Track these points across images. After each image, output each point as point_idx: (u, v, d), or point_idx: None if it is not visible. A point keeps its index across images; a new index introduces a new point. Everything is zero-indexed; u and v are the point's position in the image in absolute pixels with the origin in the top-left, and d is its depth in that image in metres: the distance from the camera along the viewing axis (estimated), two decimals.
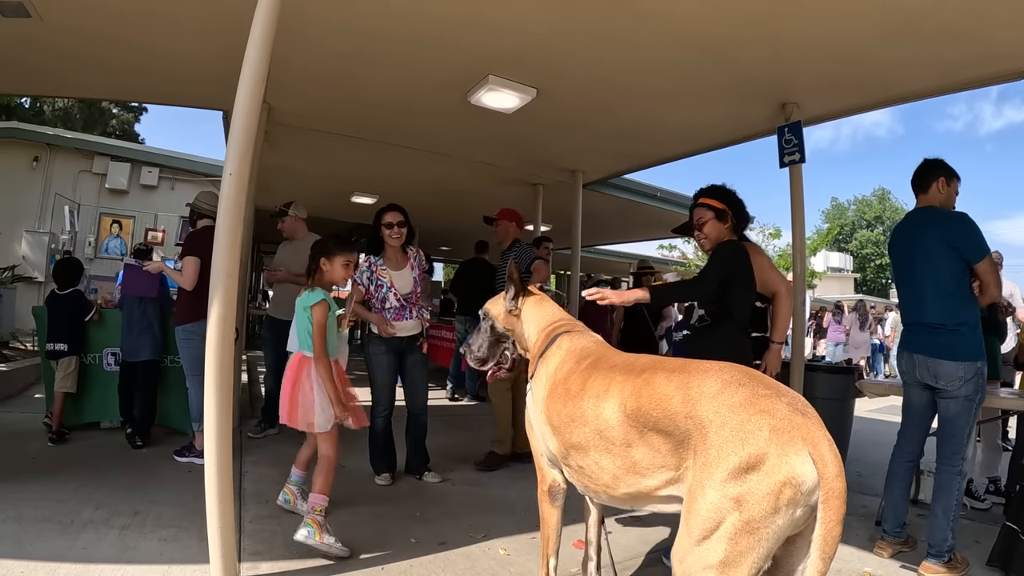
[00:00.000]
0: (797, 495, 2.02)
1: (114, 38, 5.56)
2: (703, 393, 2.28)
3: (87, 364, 6.84)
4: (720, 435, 2.15)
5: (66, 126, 22.75)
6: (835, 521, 1.96)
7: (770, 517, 2.02)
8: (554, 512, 3.21)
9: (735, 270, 3.98)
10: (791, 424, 2.07)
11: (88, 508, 4.44)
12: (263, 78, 3.36)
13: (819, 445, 2.02)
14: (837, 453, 2.03)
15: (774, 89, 6.01)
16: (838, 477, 1.98)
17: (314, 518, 3.95)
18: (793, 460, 2.02)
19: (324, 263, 4.34)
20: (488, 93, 6.24)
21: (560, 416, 2.86)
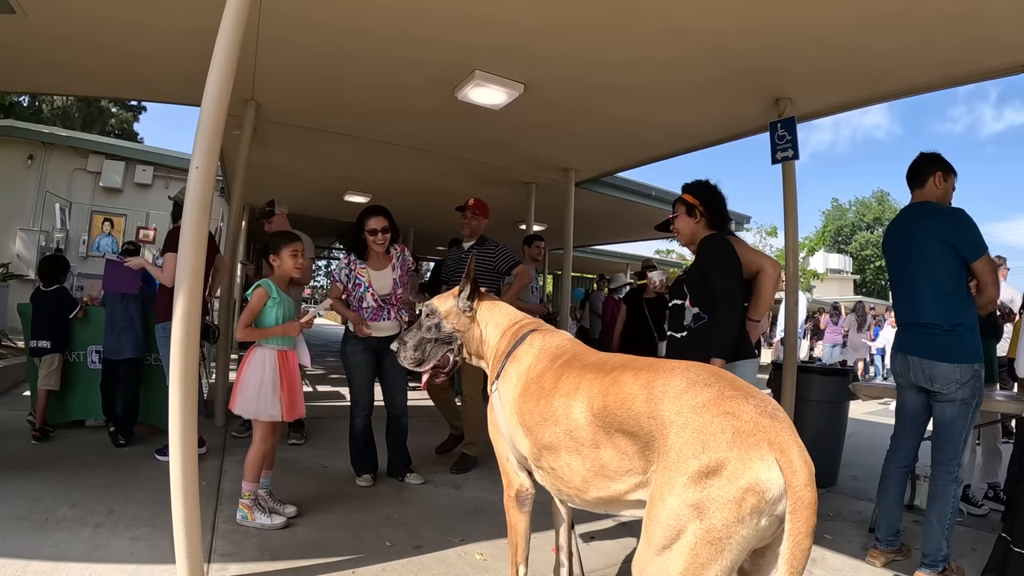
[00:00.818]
0: (761, 503, 1.88)
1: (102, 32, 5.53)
2: (666, 392, 2.16)
3: (71, 362, 6.77)
4: (681, 437, 2.03)
5: (64, 125, 22.79)
6: (804, 533, 1.81)
7: (733, 527, 1.88)
8: (522, 518, 3.05)
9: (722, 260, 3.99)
10: (757, 427, 1.95)
11: (64, 506, 4.38)
12: (232, 69, 3.26)
13: (787, 450, 1.89)
14: (808, 460, 1.89)
15: (767, 84, 5.94)
16: (807, 486, 1.84)
17: (243, 503, 4.28)
18: (757, 466, 1.89)
19: (273, 260, 4.55)
20: (475, 89, 6.18)
21: (533, 415, 2.74)
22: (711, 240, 4.09)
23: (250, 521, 4.23)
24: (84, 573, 3.47)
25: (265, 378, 4.29)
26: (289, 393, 4.39)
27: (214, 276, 6.05)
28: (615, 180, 10.59)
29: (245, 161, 7.00)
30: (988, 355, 5.25)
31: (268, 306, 4.39)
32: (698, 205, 4.19)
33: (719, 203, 4.25)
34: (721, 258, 3.97)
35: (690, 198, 4.23)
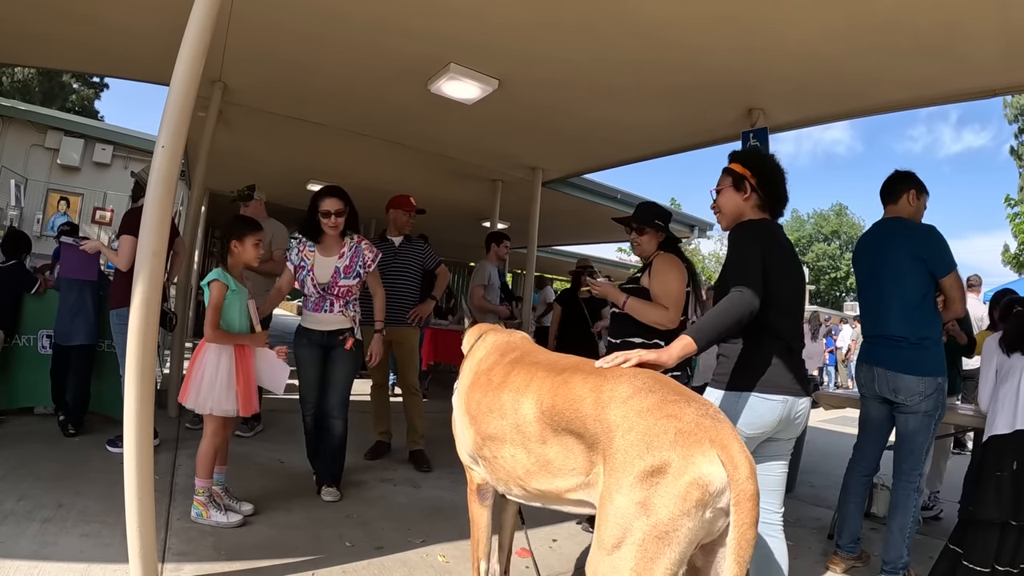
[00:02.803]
0: (705, 496, 1.96)
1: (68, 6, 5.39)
2: (613, 397, 2.23)
3: (21, 346, 6.55)
4: (627, 439, 2.10)
5: (24, 99, 22.26)
6: (748, 523, 1.92)
7: (679, 520, 1.95)
8: (484, 512, 3.11)
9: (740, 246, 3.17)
10: (699, 427, 2.03)
11: (11, 499, 4.22)
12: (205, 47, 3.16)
13: (728, 447, 1.98)
14: (748, 456, 1.99)
15: (741, 94, 5.96)
16: (749, 479, 1.94)
17: (197, 499, 4.16)
18: (699, 461, 1.97)
19: (235, 245, 4.40)
20: (449, 82, 6.12)
21: (479, 406, 2.83)
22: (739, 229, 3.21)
23: (205, 519, 4.11)
24: (32, 571, 3.34)
25: (220, 371, 4.17)
26: (245, 387, 4.28)
27: (173, 260, 5.84)
28: (581, 181, 10.58)
29: (209, 144, 6.84)
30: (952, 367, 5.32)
31: (228, 298, 4.28)
32: (750, 177, 3.22)
33: (777, 178, 3.27)
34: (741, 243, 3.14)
35: (739, 167, 3.27)
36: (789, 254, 3.20)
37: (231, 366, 4.23)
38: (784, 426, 3.02)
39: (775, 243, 3.12)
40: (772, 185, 3.24)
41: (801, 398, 3.03)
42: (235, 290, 4.32)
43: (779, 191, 3.26)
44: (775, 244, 3.11)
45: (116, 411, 5.90)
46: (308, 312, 5.04)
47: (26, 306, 6.53)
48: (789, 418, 3.00)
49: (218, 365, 4.19)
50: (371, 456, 6.19)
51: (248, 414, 4.39)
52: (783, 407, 2.96)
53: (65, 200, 14.23)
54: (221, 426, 4.30)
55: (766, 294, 2.89)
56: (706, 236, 16.73)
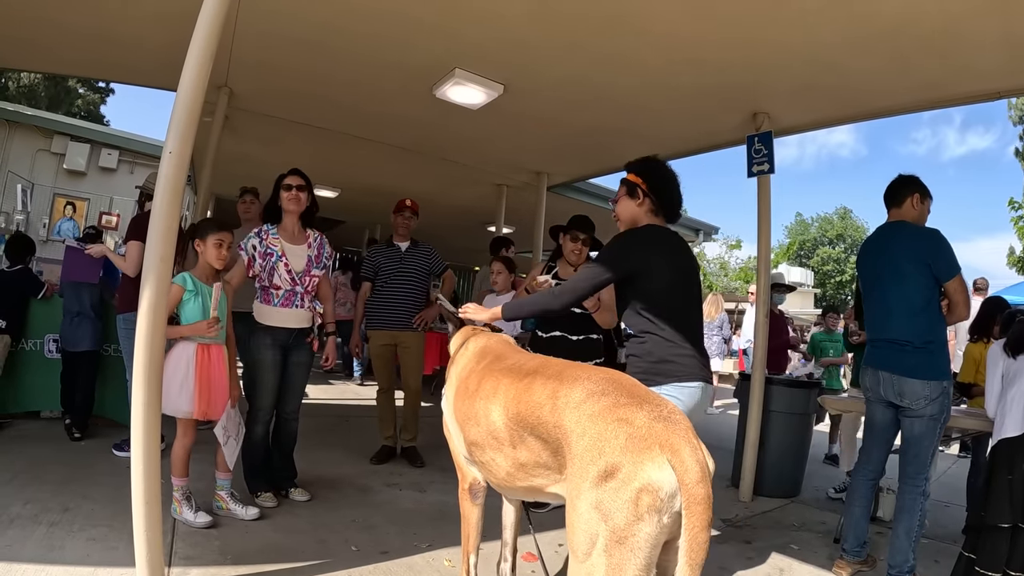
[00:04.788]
0: (656, 501, 1.98)
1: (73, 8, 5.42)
2: (568, 403, 2.31)
3: (28, 350, 6.60)
4: (580, 445, 2.17)
5: (30, 104, 22.30)
6: (699, 527, 1.93)
7: (635, 526, 1.99)
8: (475, 510, 3.22)
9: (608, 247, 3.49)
10: (649, 432, 2.07)
11: (17, 503, 4.23)
12: (212, 52, 3.17)
13: (678, 451, 2.00)
14: (700, 458, 2.01)
15: (746, 98, 5.97)
16: (699, 483, 1.95)
17: (175, 496, 4.21)
18: (648, 467, 2.00)
19: (198, 244, 4.37)
20: (454, 87, 6.11)
21: (462, 413, 2.99)
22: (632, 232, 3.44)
23: (179, 515, 4.20)
24: (39, 575, 3.36)
25: (177, 371, 4.12)
26: (206, 391, 4.22)
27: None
28: (586, 186, 10.52)
29: (215, 149, 6.84)
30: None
31: (185, 299, 4.24)
32: (641, 184, 3.43)
33: (668, 184, 3.48)
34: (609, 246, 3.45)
35: (633, 177, 3.49)
36: (678, 256, 3.40)
37: (189, 369, 4.18)
38: (698, 412, 3.24)
39: (662, 247, 3.34)
40: (664, 191, 3.45)
41: (709, 385, 3.29)
42: (193, 290, 4.27)
43: (671, 196, 3.48)
44: (662, 247, 3.34)
45: (120, 415, 5.95)
46: (273, 308, 4.79)
47: (32, 310, 6.56)
48: (704, 401, 3.27)
49: (177, 365, 4.14)
50: (377, 461, 6.20)
51: (207, 419, 4.28)
52: (702, 392, 3.22)
53: (71, 205, 14.25)
54: (187, 427, 4.28)
55: (657, 294, 3.26)
56: (711, 240, 16.63)
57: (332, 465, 5.95)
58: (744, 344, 12.42)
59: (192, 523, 4.16)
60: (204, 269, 4.40)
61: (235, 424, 4.46)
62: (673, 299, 3.30)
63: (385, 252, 6.38)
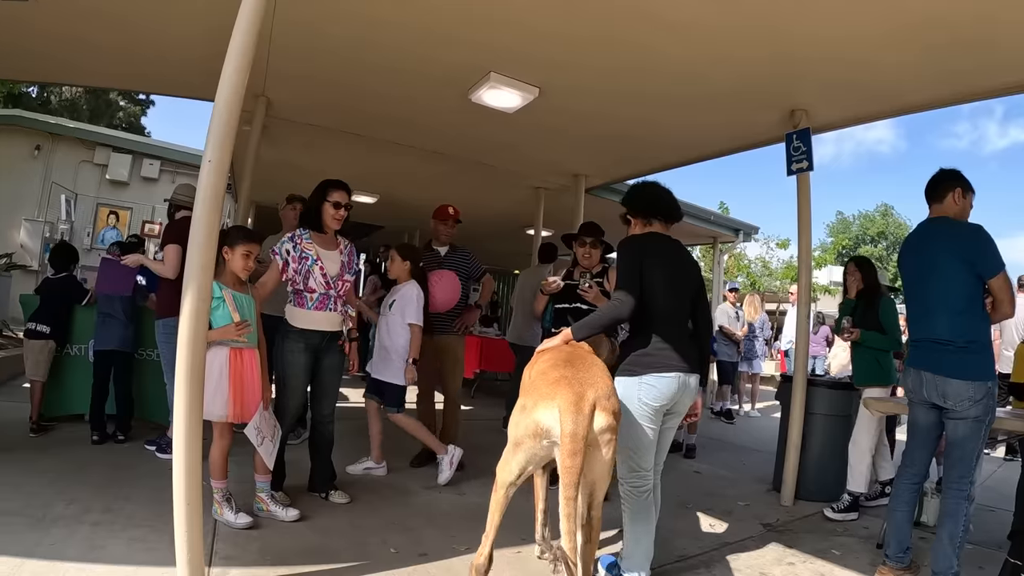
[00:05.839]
0: (538, 429, 3.05)
1: (113, 22, 5.48)
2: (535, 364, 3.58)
3: (72, 355, 6.72)
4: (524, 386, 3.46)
5: (72, 117, 22.74)
6: (565, 453, 2.89)
7: (523, 438, 3.12)
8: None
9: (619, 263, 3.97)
10: (554, 387, 3.09)
11: (61, 503, 4.31)
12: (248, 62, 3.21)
13: (562, 408, 2.96)
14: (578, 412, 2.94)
15: (782, 95, 5.90)
16: (570, 427, 2.91)
17: (215, 498, 4.31)
18: (540, 408, 3.07)
19: (226, 252, 4.36)
20: (489, 91, 6.11)
21: None
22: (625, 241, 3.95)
23: (219, 515, 4.26)
24: (81, 574, 3.41)
25: (211, 377, 4.11)
26: (240, 394, 4.28)
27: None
28: (624, 187, 10.30)
29: (254, 158, 6.91)
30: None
31: (213, 306, 4.17)
32: (626, 212, 4.12)
33: (643, 199, 4.06)
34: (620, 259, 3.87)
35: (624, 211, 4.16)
36: (665, 257, 3.85)
37: (222, 372, 4.23)
38: (680, 397, 3.70)
39: (649, 250, 3.81)
40: (642, 208, 4.02)
41: (691, 375, 3.73)
42: (220, 297, 4.29)
43: (653, 206, 4.01)
44: (649, 251, 3.80)
45: (160, 416, 6.00)
46: (308, 311, 4.79)
47: (76, 316, 6.68)
48: (686, 391, 3.71)
49: (211, 370, 4.10)
50: (416, 463, 6.22)
51: (241, 421, 4.32)
52: (678, 382, 3.64)
53: (115, 214, 14.53)
54: (223, 430, 4.35)
55: (644, 293, 3.68)
56: (752, 239, 16.48)
57: None
58: (785, 345, 12.30)
59: (232, 524, 4.21)
60: (229, 276, 4.43)
61: (269, 425, 4.48)
62: (655, 299, 3.72)
63: (424, 257, 6.39)
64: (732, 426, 10.67)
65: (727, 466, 7.43)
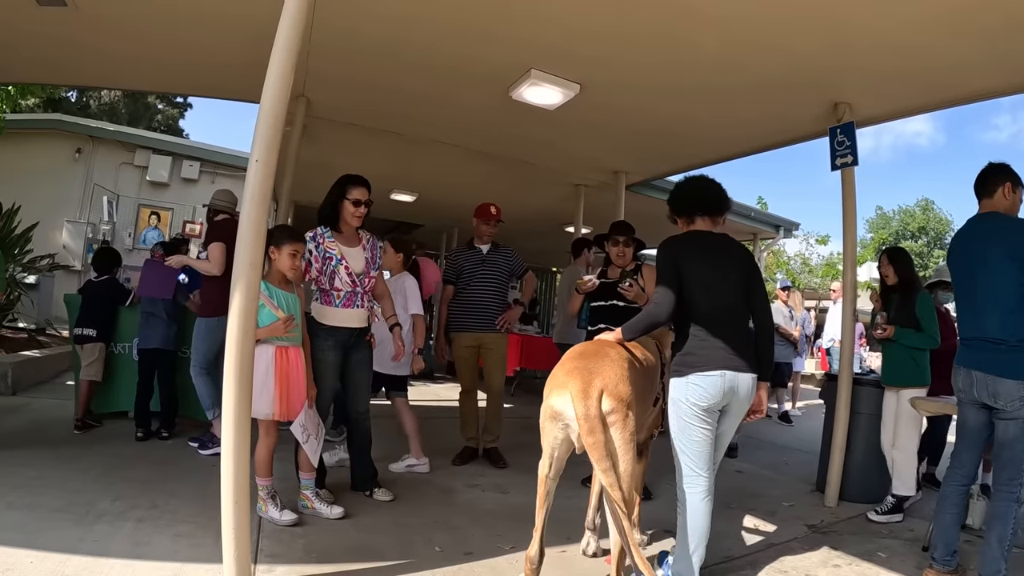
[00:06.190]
0: (553, 414, 3.33)
1: (151, 27, 5.55)
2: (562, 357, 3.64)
3: (116, 353, 6.82)
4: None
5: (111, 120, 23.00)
6: (584, 432, 3.14)
7: (544, 422, 3.41)
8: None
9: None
10: (567, 377, 3.32)
11: (105, 499, 4.36)
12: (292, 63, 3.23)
13: (574, 395, 3.20)
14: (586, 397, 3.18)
15: (826, 88, 5.79)
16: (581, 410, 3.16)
17: (260, 496, 4.32)
18: (554, 395, 3.35)
19: (272, 252, 4.34)
20: (530, 88, 6.07)
21: None
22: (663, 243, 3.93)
23: (263, 512, 4.30)
24: (126, 571, 3.44)
25: (257, 375, 4.05)
26: (286, 392, 4.30)
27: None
28: (664, 183, 10.22)
29: (295, 158, 6.96)
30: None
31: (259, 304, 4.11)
32: (670, 212, 4.11)
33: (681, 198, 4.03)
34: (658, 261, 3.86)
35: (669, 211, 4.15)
36: (706, 255, 3.79)
37: (268, 369, 4.24)
38: (731, 396, 3.62)
39: (685, 251, 3.79)
40: (682, 207, 3.99)
41: (742, 372, 3.62)
42: (265, 294, 4.27)
43: (693, 204, 3.96)
44: (685, 252, 3.78)
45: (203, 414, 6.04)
46: (335, 309, 4.78)
47: (120, 316, 6.79)
48: (734, 389, 3.60)
49: (256, 368, 4.02)
50: (459, 462, 6.23)
51: (287, 419, 4.34)
52: (722, 380, 3.56)
53: (156, 215, 14.71)
54: (269, 428, 4.38)
55: (684, 294, 3.69)
56: (792, 236, 16.34)
57: None
58: (827, 343, 12.14)
59: (277, 521, 4.24)
60: (276, 275, 4.43)
61: (314, 423, 4.50)
62: (696, 299, 3.70)
63: (466, 255, 6.44)
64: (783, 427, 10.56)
65: (769, 466, 7.37)
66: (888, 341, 5.68)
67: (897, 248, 6.35)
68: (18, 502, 4.18)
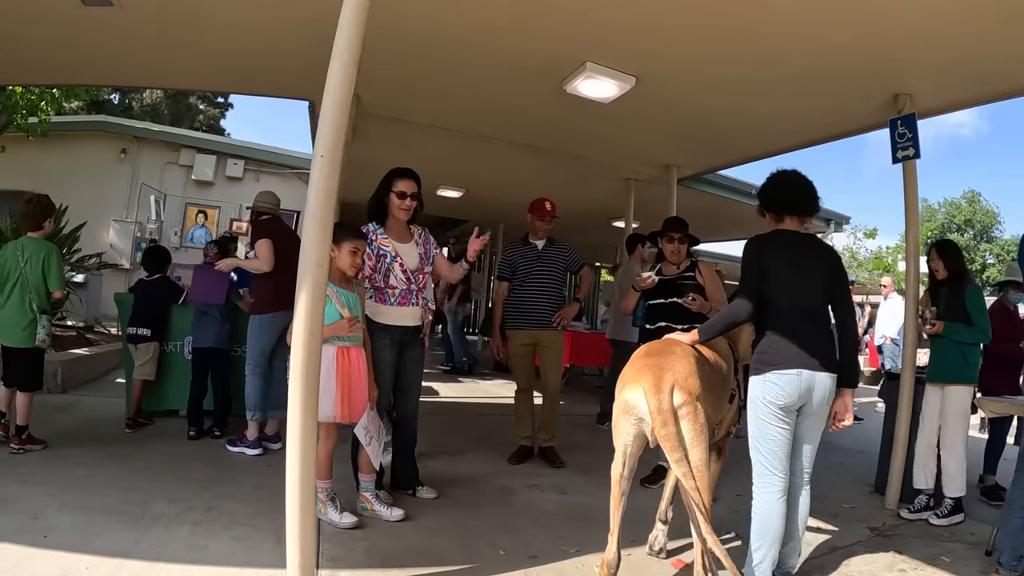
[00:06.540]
0: (627, 408, 3.40)
1: (197, 26, 5.56)
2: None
3: (168, 352, 6.82)
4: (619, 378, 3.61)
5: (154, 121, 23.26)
6: (657, 425, 3.24)
7: (617, 417, 3.48)
8: None
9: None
10: (638, 373, 3.42)
11: (160, 500, 4.33)
12: (357, 49, 3.19)
13: (647, 390, 3.30)
14: (658, 392, 3.27)
15: (886, 79, 5.62)
16: (655, 404, 3.25)
17: (319, 498, 4.13)
18: (627, 390, 3.43)
19: (333, 250, 4.17)
20: (585, 81, 5.96)
21: None
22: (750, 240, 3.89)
23: (323, 515, 4.18)
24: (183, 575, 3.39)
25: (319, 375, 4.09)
26: (347, 393, 4.25)
27: None
28: (715, 178, 10.29)
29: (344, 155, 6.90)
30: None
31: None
32: (759, 207, 4.01)
33: (771, 193, 3.91)
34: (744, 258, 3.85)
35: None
36: (791, 254, 3.71)
37: (329, 370, 4.15)
38: (808, 396, 3.54)
39: (770, 250, 3.73)
40: (772, 204, 3.86)
41: (818, 372, 3.53)
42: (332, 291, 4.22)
43: (780, 203, 3.83)
44: (769, 250, 3.72)
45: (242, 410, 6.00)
46: (391, 307, 4.74)
47: (173, 314, 6.79)
48: (811, 389, 3.53)
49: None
50: (515, 461, 6.14)
51: (349, 421, 4.29)
52: (799, 379, 3.50)
53: (203, 213, 14.84)
54: (330, 430, 4.31)
55: (766, 290, 3.63)
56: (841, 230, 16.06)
57: (469, 464, 5.94)
58: (879, 340, 11.91)
59: (338, 524, 4.17)
60: (335, 273, 4.33)
61: (376, 425, 4.44)
62: (777, 297, 3.64)
63: (521, 251, 6.34)
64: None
65: (827, 466, 7.19)
66: (937, 336, 5.50)
67: (946, 241, 6.21)
68: (71, 503, 4.16)
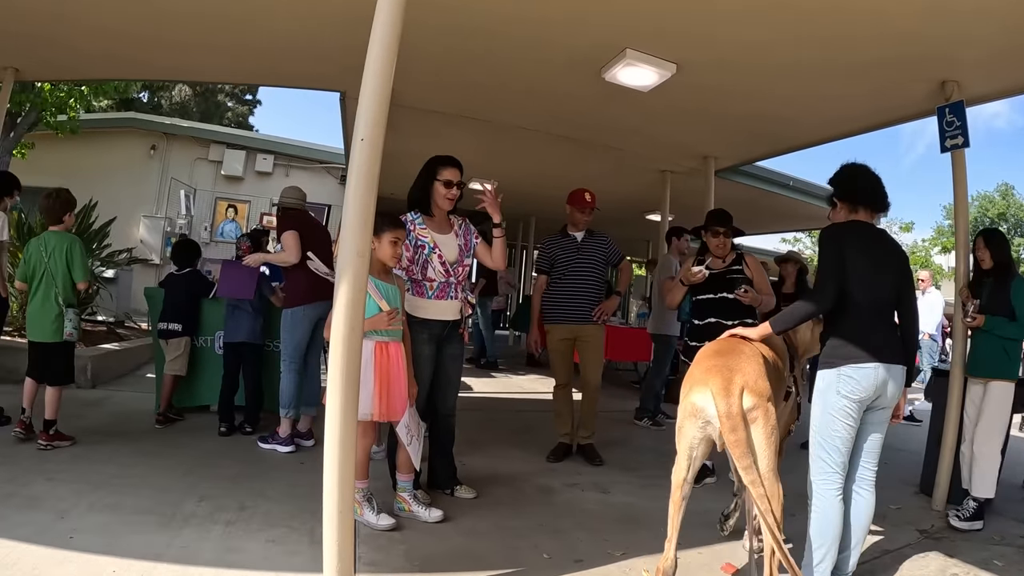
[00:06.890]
0: (694, 411, 3.28)
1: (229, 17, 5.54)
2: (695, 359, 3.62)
3: (199, 347, 6.75)
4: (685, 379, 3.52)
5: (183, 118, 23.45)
6: (727, 431, 3.10)
7: (683, 420, 3.35)
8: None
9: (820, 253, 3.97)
10: (705, 374, 3.31)
11: (191, 500, 4.22)
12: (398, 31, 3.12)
13: (715, 392, 3.18)
14: (726, 397, 3.15)
15: (933, 65, 5.41)
16: (724, 407, 3.13)
17: (355, 498, 3.83)
18: (695, 392, 3.30)
19: (373, 241, 4.04)
20: (625, 69, 5.81)
21: None
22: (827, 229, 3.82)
23: (359, 515, 4.04)
24: None
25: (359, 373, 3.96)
26: (386, 390, 4.11)
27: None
28: (752, 169, 10.16)
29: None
30: None
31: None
32: (832, 195, 3.95)
33: (852, 182, 3.85)
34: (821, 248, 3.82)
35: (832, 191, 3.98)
36: (868, 246, 3.64)
37: (367, 366, 4.01)
38: (882, 390, 3.48)
39: (851, 241, 3.62)
40: (848, 193, 3.81)
41: (893, 365, 3.50)
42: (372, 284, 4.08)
43: (857, 193, 3.79)
44: (850, 241, 3.62)
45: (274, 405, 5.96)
46: (428, 300, 4.62)
47: (204, 309, 6.72)
48: (886, 382, 3.48)
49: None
50: (554, 459, 5.99)
51: (388, 419, 4.19)
52: (875, 372, 3.45)
53: (233, 207, 14.94)
54: (366, 428, 4.19)
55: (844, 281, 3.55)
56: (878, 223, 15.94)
57: (507, 462, 5.82)
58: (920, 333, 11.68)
59: (374, 525, 4.05)
60: (375, 265, 4.21)
61: (416, 423, 4.33)
62: (854, 290, 3.55)
63: (560, 243, 6.18)
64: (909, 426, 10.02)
65: None
66: (978, 329, 5.27)
67: (993, 230, 5.97)
68: (100, 503, 4.06)
